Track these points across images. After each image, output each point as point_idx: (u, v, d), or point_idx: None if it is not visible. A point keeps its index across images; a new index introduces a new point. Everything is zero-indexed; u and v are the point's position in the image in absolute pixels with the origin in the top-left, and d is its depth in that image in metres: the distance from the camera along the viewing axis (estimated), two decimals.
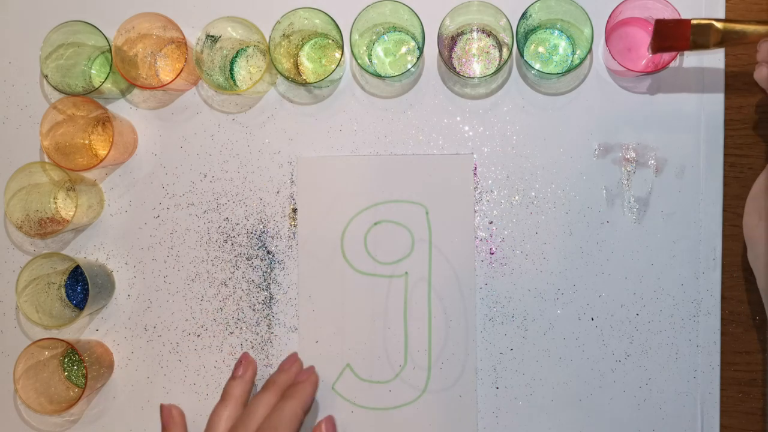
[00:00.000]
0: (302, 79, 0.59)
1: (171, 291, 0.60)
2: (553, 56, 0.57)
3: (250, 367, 0.56)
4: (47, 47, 0.56)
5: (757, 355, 0.57)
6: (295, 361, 0.57)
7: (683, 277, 0.56)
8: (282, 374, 0.55)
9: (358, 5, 0.54)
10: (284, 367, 0.56)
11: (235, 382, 0.55)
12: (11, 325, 0.60)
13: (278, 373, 0.56)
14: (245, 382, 0.55)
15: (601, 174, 0.57)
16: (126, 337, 0.60)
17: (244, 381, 0.55)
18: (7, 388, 0.60)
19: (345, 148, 0.59)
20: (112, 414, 0.60)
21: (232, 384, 0.55)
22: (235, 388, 0.55)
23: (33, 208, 0.58)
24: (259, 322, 0.59)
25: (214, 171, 0.60)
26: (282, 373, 0.56)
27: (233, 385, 0.55)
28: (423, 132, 0.58)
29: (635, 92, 0.57)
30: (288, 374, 0.55)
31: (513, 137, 0.58)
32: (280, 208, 0.59)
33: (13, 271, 0.60)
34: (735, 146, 0.57)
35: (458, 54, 0.58)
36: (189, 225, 0.60)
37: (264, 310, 0.59)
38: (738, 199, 0.57)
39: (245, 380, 0.55)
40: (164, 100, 0.60)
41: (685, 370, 0.56)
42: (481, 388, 0.57)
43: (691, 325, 0.56)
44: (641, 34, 0.56)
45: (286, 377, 0.55)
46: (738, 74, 0.57)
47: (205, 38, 0.55)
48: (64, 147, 0.58)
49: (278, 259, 0.59)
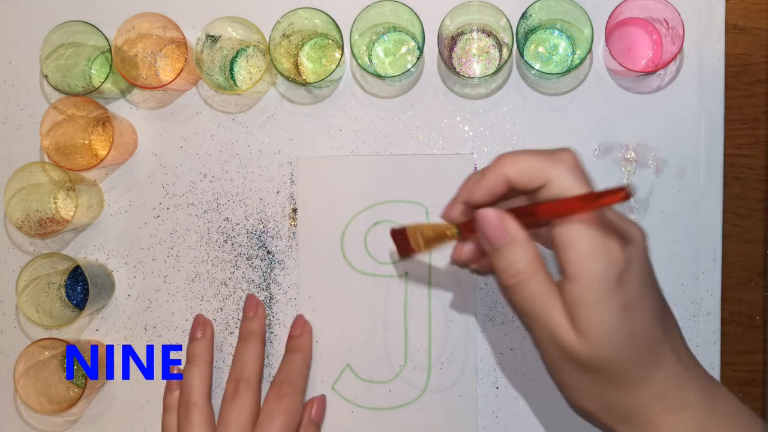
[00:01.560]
0: (302, 79, 0.59)
1: (171, 291, 0.60)
2: (553, 56, 0.57)
3: (208, 327, 0.58)
4: (47, 47, 0.56)
5: (757, 355, 0.57)
6: (257, 304, 0.58)
7: (683, 277, 0.56)
8: (254, 321, 0.57)
9: (358, 5, 0.54)
10: (249, 315, 0.57)
11: (197, 343, 0.57)
12: (11, 325, 0.60)
13: (250, 321, 0.57)
14: (207, 342, 0.57)
15: (601, 174, 0.57)
16: (126, 337, 0.60)
17: (206, 340, 0.57)
18: (7, 388, 0.60)
19: (345, 148, 0.59)
20: (112, 414, 0.60)
21: (194, 345, 0.57)
22: (199, 348, 0.57)
23: (33, 208, 0.58)
24: None
25: (214, 171, 0.60)
26: (254, 320, 0.57)
27: (196, 346, 0.57)
28: (423, 132, 0.58)
29: (635, 92, 0.57)
30: (259, 320, 0.57)
31: (513, 137, 0.58)
32: (280, 208, 0.59)
33: (13, 271, 0.60)
34: (735, 146, 0.57)
35: (458, 54, 0.58)
36: (189, 225, 0.60)
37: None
38: (738, 199, 0.57)
39: (206, 340, 0.57)
40: (164, 100, 0.60)
41: None
42: (481, 388, 0.57)
43: (691, 325, 0.56)
44: (641, 34, 0.57)
45: (258, 324, 0.57)
46: (738, 74, 0.57)
47: (205, 38, 0.55)
48: (64, 147, 0.58)
49: (278, 259, 0.59)
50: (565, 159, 0.39)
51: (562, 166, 0.38)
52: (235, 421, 0.53)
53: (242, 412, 0.54)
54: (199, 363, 0.56)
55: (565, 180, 0.38)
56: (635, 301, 0.38)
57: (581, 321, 0.38)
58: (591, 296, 0.37)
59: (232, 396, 0.54)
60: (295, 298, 0.59)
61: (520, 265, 0.39)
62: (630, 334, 0.38)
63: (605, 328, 0.38)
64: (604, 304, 0.37)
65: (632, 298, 0.38)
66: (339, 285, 0.58)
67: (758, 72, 0.57)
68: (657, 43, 0.56)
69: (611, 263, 0.37)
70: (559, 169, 0.38)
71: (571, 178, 0.38)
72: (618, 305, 0.37)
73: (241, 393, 0.54)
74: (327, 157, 0.59)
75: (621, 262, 0.37)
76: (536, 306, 0.39)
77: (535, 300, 0.39)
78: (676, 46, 0.52)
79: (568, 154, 0.39)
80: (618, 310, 0.37)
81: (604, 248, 0.37)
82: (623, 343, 0.38)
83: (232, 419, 0.54)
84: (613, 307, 0.37)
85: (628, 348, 0.38)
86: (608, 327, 0.38)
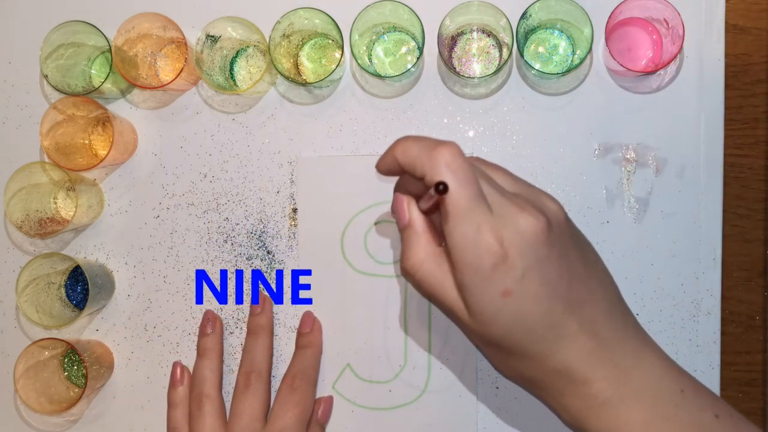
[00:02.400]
0: (302, 79, 0.59)
1: (171, 291, 0.60)
2: (553, 56, 0.57)
3: (218, 322, 0.58)
4: (47, 47, 0.56)
5: (757, 355, 0.57)
6: (264, 299, 0.58)
7: (683, 277, 0.56)
8: (262, 316, 0.58)
9: (358, 5, 0.54)
10: (257, 310, 0.58)
11: (207, 338, 0.58)
12: (11, 325, 0.60)
13: (258, 316, 0.58)
14: (217, 336, 0.58)
15: (601, 174, 0.57)
16: (126, 337, 0.60)
17: (216, 335, 0.58)
18: (7, 388, 0.60)
19: (345, 148, 0.59)
20: (112, 414, 0.60)
21: (205, 340, 0.58)
22: (210, 342, 0.57)
23: (33, 208, 0.58)
24: None
25: (214, 171, 0.60)
26: (261, 315, 0.58)
27: (207, 341, 0.57)
28: (423, 132, 0.58)
29: (635, 92, 0.57)
30: (267, 315, 0.58)
31: (513, 137, 0.58)
32: (280, 208, 0.59)
33: (13, 271, 0.60)
34: (735, 146, 0.57)
35: (458, 54, 0.58)
36: (189, 225, 0.60)
37: None
38: (738, 199, 0.57)
39: (217, 334, 0.58)
40: (164, 100, 0.60)
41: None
42: (481, 388, 0.57)
43: (691, 325, 0.56)
44: (641, 34, 0.57)
45: (266, 318, 0.58)
46: (738, 74, 0.57)
47: (205, 38, 0.55)
48: (64, 147, 0.58)
49: (278, 259, 0.59)
50: (440, 155, 0.40)
51: (434, 164, 0.40)
52: (249, 412, 0.54)
53: (255, 404, 0.55)
54: (210, 357, 0.57)
55: (429, 177, 0.40)
56: (517, 288, 0.40)
57: (468, 303, 0.41)
58: (469, 282, 0.40)
59: (243, 388, 0.55)
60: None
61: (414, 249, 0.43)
62: (516, 317, 0.40)
63: (488, 311, 0.40)
64: (482, 291, 0.40)
65: (512, 285, 0.39)
66: (339, 285, 0.58)
67: (758, 72, 0.57)
68: (657, 43, 0.56)
69: (481, 255, 0.39)
70: (431, 167, 0.40)
71: (441, 176, 0.39)
72: (497, 292, 0.40)
73: (252, 385, 0.55)
74: (327, 157, 0.59)
75: (493, 253, 0.39)
76: (430, 288, 0.42)
77: (429, 282, 0.42)
78: (676, 46, 0.52)
79: (446, 149, 0.40)
80: (497, 296, 0.40)
81: (474, 241, 0.39)
82: (510, 324, 0.41)
83: (245, 410, 0.54)
84: (491, 293, 0.40)
85: (517, 328, 0.41)
86: (491, 309, 0.40)
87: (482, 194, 0.40)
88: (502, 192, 0.41)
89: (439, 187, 0.38)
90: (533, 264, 0.40)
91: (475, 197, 0.40)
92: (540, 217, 0.40)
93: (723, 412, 0.43)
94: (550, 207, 0.42)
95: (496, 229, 0.39)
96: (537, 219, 0.40)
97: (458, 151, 0.40)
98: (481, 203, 0.40)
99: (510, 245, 0.39)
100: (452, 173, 0.39)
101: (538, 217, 0.40)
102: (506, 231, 0.39)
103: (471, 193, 0.39)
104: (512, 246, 0.39)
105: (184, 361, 0.59)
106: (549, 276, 0.40)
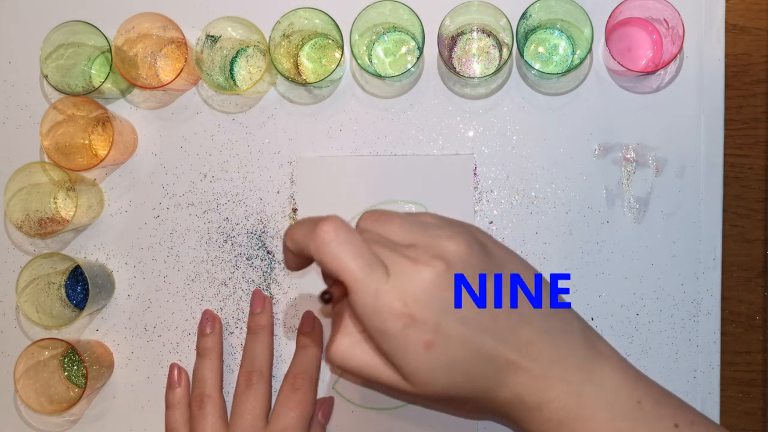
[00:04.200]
0: (302, 79, 0.59)
1: (171, 291, 0.60)
2: (553, 56, 0.57)
3: (217, 322, 0.58)
4: (47, 47, 0.56)
5: (757, 355, 0.57)
6: (264, 298, 0.58)
7: (683, 277, 0.56)
8: (262, 315, 0.57)
9: (358, 5, 0.54)
10: (257, 310, 0.58)
11: (207, 338, 0.58)
12: (11, 325, 0.60)
13: (259, 315, 0.57)
14: (216, 336, 0.58)
15: (601, 174, 0.57)
16: (126, 337, 0.60)
17: (216, 335, 0.58)
18: (7, 388, 0.60)
19: (345, 148, 0.59)
20: (112, 414, 0.60)
21: (205, 340, 0.58)
22: (210, 342, 0.57)
23: (33, 208, 0.58)
24: None
25: (214, 171, 0.60)
26: (262, 314, 0.57)
27: (207, 341, 0.57)
28: (423, 132, 0.58)
29: (635, 92, 0.57)
30: (267, 314, 0.58)
31: (513, 137, 0.58)
32: (280, 208, 0.59)
33: (13, 271, 0.60)
34: (735, 146, 0.57)
35: (458, 54, 0.58)
36: (189, 225, 0.60)
37: None
38: (738, 199, 0.57)
39: (216, 334, 0.58)
40: (164, 100, 0.60)
41: (684, 370, 0.56)
42: None
43: (691, 325, 0.56)
44: (641, 34, 0.57)
45: (267, 318, 0.57)
46: (738, 74, 0.57)
47: (205, 38, 0.55)
48: (64, 147, 0.58)
49: (278, 259, 0.59)
50: (323, 233, 0.39)
51: (319, 244, 0.39)
52: (250, 411, 0.54)
53: (257, 403, 0.55)
54: (211, 357, 0.57)
55: (316, 257, 0.39)
56: (437, 338, 0.39)
57: (400, 369, 0.40)
58: (389, 348, 0.39)
59: (245, 387, 0.55)
60: (296, 298, 0.59)
61: (335, 340, 0.41)
62: (448, 364, 0.39)
63: (421, 368, 0.39)
64: (406, 351, 0.39)
65: (431, 335, 0.39)
66: None
67: (758, 72, 0.57)
68: (657, 43, 0.56)
69: (387, 320, 0.38)
70: (316, 248, 0.39)
71: (328, 254, 0.39)
72: (418, 347, 0.38)
73: (254, 384, 0.55)
74: (327, 157, 0.59)
75: (399, 315, 0.38)
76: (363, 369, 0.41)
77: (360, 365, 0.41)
78: (676, 46, 0.52)
79: (327, 225, 0.39)
80: (421, 351, 0.39)
81: (376, 309, 0.38)
82: (447, 373, 0.40)
83: (247, 410, 0.54)
84: (414, 351, 0.39)
85: (454, 374, 0.40)
86: (422, 367, 0.39)
87: (375, 259, 0.39)
88: (394, 248, 0.40)
89: (324, 296, 0.38)
90: (444, 310, 0.39)
91: (368, 266, 0.38)
92: (436, 264, 0.39)
93: (683, 420, 0.42)
94: (447, 248, 0.40)
95: (395, 290, 0.38)
96: (432, 267, 0.38)
97: (339, 223, 0.39)
98: (376, 269, 0.38)
99: (413, 302, 0.38)
100: (338, 246, 0.38)
101: (433, 265, 0.38)
102: (406, 288, 0.38)
103: (362, 264, 0.38)
104: (416, 302, 0.38)
105: (184, 362, 0.59)
106: (466, 315, 0.39)
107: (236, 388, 0.56)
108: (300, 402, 0.54)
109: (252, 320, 0.58)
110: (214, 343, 0.58)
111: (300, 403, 0.54)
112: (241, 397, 0.55)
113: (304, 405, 0.55)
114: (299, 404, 0.54)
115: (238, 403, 0.55)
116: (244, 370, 0.56)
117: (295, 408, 0.54)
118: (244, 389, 0.55)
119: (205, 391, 0.56)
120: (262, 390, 0.55)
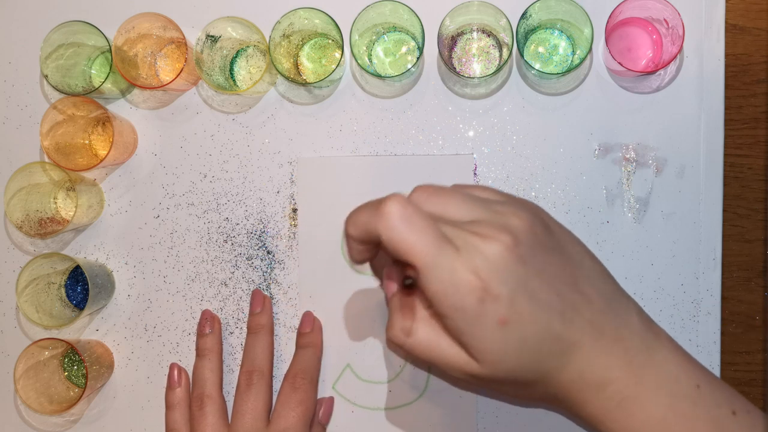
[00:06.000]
0: (302, 79, 0.59)
1: (171, 291, 0.60)
2: (553, 56, 0.57)
3: (216, 322, 0.58)
4: (47, 47, 0.56)
5: (757, 355, 0.57)
6: (264, 298, 0.58)
7: (683, 277, 0.56)
8: (262, 315, 0.57)
9: (358, 5, 0.54)
10: (256, 309, 0.58)
11: (207, 338, 0.58)
12: (11, 325, 0.60)
13: (258, 315, 0.58)
14: (216, 336, 0.58)
15: (601, 174, 0.57)
16: (126, 337, 0.60)
17: (215, 335, 0.58)
18: (7, 388, 0.60)
19: (345, 148, 0.59)
20: (112, 414, 0.60)
21: (204, 340, 0.58)
22: (209, 342, 0.57)
23: (33, 208, 0.58)
24: None
25: (214, 171, 0.60)
26: (262, 314, 0.57)
27: (206, 341, 0.57)
28: (423, 132, 0.58)
29: (635, 92, 0.57)
30: (267, 314, 0.58)
31: (513, 137, 0.58)
32: (280, 208, 0.59)
33: (13, 271, 0.60)
34: (735, 146, 0.57)
35: (458, 54, 0.58)
36: (189, 225, 0.60)
37: None
38: (738, 199, 0.57)
39: (215, 334, 0.58)
40: (164, 100, 0.60)
41: None
42: None
43: (691, 325, 0.56)
44: (641, 34, 0.57)
45: (266, 317, 0.58)
46: (738, 74, 0.57)
47: (205, 38, 0.55)
48: (64, 147, 0.58)
49: (278, 259, 0.59)
50: (388, 213, 0.38)
51: (386, 223, 0.38)
52: (251, 411, 0.54)
53: (257, 402, 0.55)
54: (210, 357, 0.57)
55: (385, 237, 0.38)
56: (511, 314, 0.38)
57: (471, 348, 0.39)
58: (463, 326, 0.39)
59: (245, 387, 0.55)
60: (296, 298, 0.59)
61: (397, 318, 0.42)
62: (520, 343, 0.39)
63: (494, 348, 0.39)
64: (479, 329, 0.38)
65: (505, 312, 0.38)
66: (339, 285, 0.58)
67: (758, 72, 0.57)
68: (657, 43, 0.56)
69: (464, 295, 0.38)
70: (385, 227, 0.38)
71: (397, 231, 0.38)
72: (493, 323, 0.38)
73: (254, 384, 0.55)
74: (327, 157, 0.59)
75: (475, 289, 0.38)
76: (427, 351, 0.41)
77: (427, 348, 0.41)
78: (676, 46, 0.52)
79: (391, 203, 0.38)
80: (496, 327, 0.38)
81: (452, 284, 0.38)
82: (518, 352, 0.39)
83: (248, 410, 0.54)
84: (489, 327, 0.38)
85: (525, 353, 0.40)
86: (496, 346, 0.39)
87: (443, 235, 0.38)
88: (459, 225, 0.39)
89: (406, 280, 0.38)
90: (516, 286, 0.38)
91: (438, 241, 0.38)
92: (504, 239, 0.38)
93: (740, 409, 0.42)
94: (513, 224, 0.40)
95: (468, 264, 0.38)
96: (501, 242, 0.38)
97: (403, 200, 0.38)
98: (446, 244, 0.38)
99: (487, 276, 0.38)
100: (407, 225, 0.38)
101: (501, 240, 0.38)
102: (477, 264, 0.38)
103: (432, 239, 0.38)
104: (490, 276, 0.38)
105: (184, 362, 0.59)
106: (535, 292, 0.39)
107: (237, 388, 0.56)
108: (301, 401, 0.54)
109: (252, 320, 0.58)
110: (214, 343, 0.58)
111: (301, 402, 0.54)
112: (242, 397, 0.55)
113: (306, 404, 0.55)
114: (300, 404, 0.54)
115: (239, 403, 0.55)
116: (245, 370, 0.56)
117: (297, 407, 0.54)
118: (245, 389, 0.55)
119: (205, 391, 0.56)
120: (263, 389, 0.55)
